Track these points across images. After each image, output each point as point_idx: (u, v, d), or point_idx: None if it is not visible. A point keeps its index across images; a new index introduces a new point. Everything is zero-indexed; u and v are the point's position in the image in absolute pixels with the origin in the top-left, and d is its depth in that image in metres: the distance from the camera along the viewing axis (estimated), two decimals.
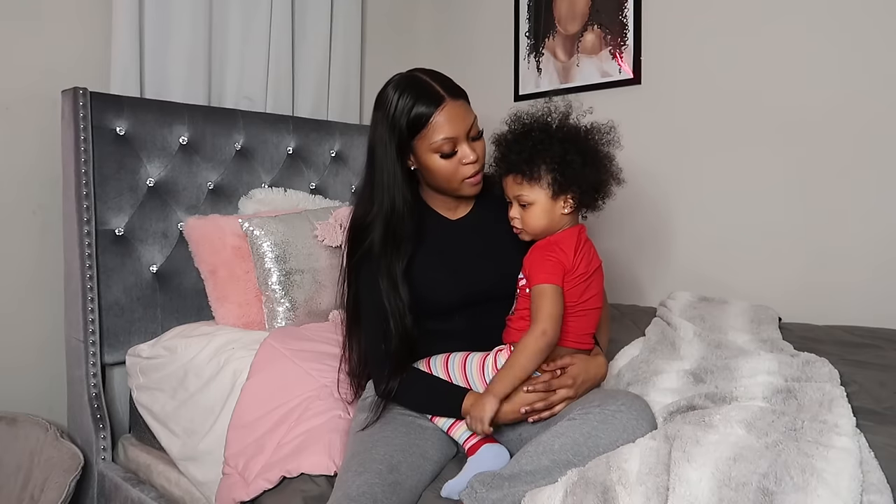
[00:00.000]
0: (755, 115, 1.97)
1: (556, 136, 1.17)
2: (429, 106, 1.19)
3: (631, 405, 1.07)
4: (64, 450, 1.69)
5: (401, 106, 1.20)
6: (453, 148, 1.21)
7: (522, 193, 1.18)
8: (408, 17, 2.84)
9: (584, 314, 1.19)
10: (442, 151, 1.21)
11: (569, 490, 0.95)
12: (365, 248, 1.24)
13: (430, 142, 1.21)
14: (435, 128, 1.20)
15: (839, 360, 1.34)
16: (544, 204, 1.18)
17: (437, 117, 1.19)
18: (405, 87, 1.21)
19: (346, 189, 2.39)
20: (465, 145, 1.22)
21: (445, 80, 1.24)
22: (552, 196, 1.17)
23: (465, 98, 1.25)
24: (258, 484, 1.27)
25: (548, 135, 1.17)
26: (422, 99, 1.19)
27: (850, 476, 0.86)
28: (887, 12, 1.73)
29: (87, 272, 1.75)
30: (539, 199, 1.18)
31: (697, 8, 2.07)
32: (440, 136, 1.20)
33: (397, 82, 1.24)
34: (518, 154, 1.17)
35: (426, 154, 1.23)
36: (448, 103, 1.20)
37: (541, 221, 1.19)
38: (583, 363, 1.19)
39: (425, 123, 1.20)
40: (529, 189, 1.18)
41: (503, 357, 1.17)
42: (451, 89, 1.22)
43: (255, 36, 2.21)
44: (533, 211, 1.18)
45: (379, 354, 1.24)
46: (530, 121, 1.22)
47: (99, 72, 1.90)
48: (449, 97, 1.20)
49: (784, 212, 1.93)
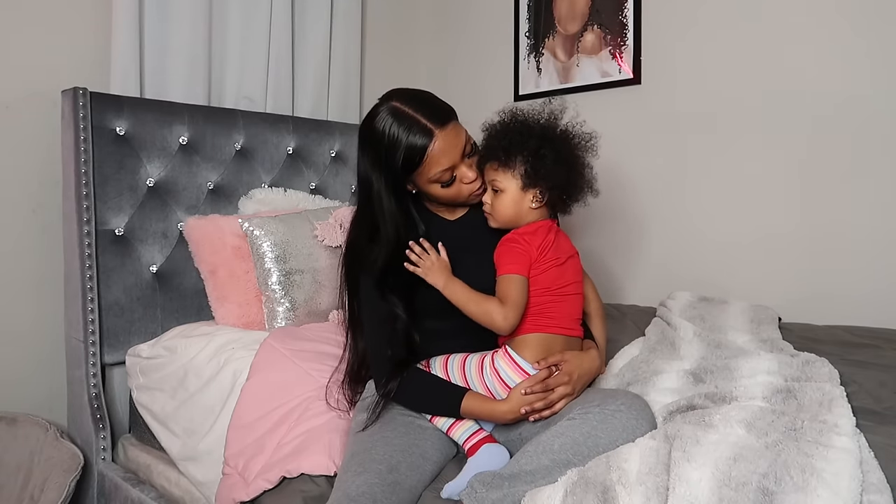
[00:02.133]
0: (755, 115, 1.96)
1: (536, 132, 1.20)
2: (421, 142, 1.16)
3: (631, 405, 1.07)
4: (64, 450, 1.69)
5: (391, 145, 1.17)
6: (452, 175, 1.22)
7: (496, 179, 1.21)
8: (408, 17, 2.84)
9: (564, 298, 1.21)
10: (442, 181, 1.21)
11: (569, 490, 0.95)
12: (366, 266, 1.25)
13: (428, 176, 1.20)
14: (431, 163, 1.18)
15: (839, 360, 1.34)
16: (514, 194, 1.21)
17: (431, 152, 1.17)
18: (392, 124, 1.17)
19: (346, 189, 2.39)
20: (462, 167, 1.22)
21: (430, 107, 1.20)
22: (522, 188, 1.20)
23: (454, 117, 1.23)
24: (258, 484, 1.27)
25: (529, 128, 1.21)
26: (412, 136, 1.16)
27: (849, 476, 0.86)
28: (890, 11, 1.73)
29: (87, 272, 1.75)
30: (510, 187, 1.21)
31: (697, 8, 2.07)
32: (437, 170, 1.19)
33: (383, 118, 1.19)
34: (498, 141, 1.21)
35: (426, 185, 1.23)
36: (438, 134, 1.17)
37: (508, 210, 1.22)
38: (576, 359, 1.19)
39: (420, 161, 1.18)
40: (503, 176, 1.21)
41: (500, 358, 1.18)
42: (437, 116, 1.19)
43: (255, 36, 2.21)
44: (503, 198, 1.22)
45: (380, 356, 1.24)
46: (521, 116, 1.24)
47: (99, 72, 1.90)
48: (438, 127, 1.17)
49: (784, 212, 1.93)
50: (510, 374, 1.16)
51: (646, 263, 2.24)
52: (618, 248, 2.27)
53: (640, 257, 2.24)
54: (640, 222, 2.23)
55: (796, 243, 1.91)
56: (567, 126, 1.24)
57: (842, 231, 1.83)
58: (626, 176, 2.20)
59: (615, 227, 2.26)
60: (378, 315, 1.24)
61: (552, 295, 1.19)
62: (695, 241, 2.11)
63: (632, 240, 2.25)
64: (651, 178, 2.18)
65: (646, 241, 2.23)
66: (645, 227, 2.22)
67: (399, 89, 1.26)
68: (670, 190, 2.15)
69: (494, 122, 1.26)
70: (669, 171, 2.15)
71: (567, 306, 1.22)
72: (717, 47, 2.03)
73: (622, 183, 2.19)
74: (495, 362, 1.18)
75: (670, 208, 2.16)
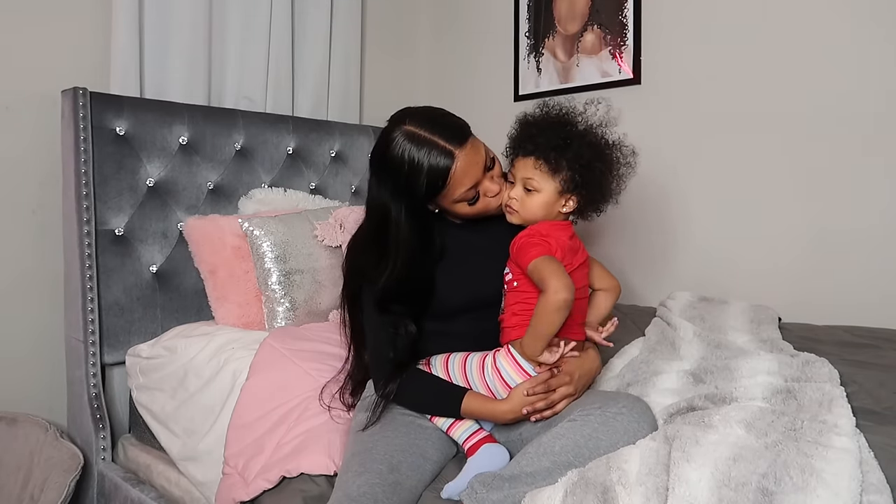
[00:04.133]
0: (755, 115, 1.96)
1: (588, 139, 1.17)
2: (444, 164, 1.13)
3: (632, 408, 1.07)
4: (64, 450, 1.69)
5: (412, 172, 1.13)
6: (476, 192, 1.19)
7: (534, 178, 1.17)
8: (408, 17, 2.84)
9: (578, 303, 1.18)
10: (467, 199, 1.19)
11: (569, 490, 0.95)
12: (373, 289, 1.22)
13: (453, 197, 1.18)
14: (455, 184, 1.15)
15: (839, 360, 1.34)
16: (549, 196, 1.17)
17: (454, 173, 1.14)
18: (409, 148, 1.13)
19: (345, 189, 2.39)
20: (485, 182, 1.19)
21: (446, 127, 1.16)
22: (560, 192, 1.17)
23: (469, 131, 1.19)
24: (258, 484, 1.27)
25: (583, 136, 1.17)
26: (433, 159, 1.12)
27: (849, 476, 0.86)
28: (889, 7, 1.73)
29: (87, 272, 1.75)
30: (547, 189, 1.17)
31: (697, 7, 2.07)
32: (462, 190, 1.17)
33: (399, 143, 1.14)
34: (548, 140, 1.15)
35: (451, 206, 1.21)
36: (459, 154, 1.14)
37: (539, 211, 1.18)
38: (577, 359, 1.19)
39: (444, 185, 1.15)
40: (542, 177, 1.16)
41: (502, 357, 1.17)
42: (455, 135, 1.15)
43: (254, 36, 2.21)
44: (536, 198, 1.18)
45: (380, 358, 1.23)
46: (566, 113, 1.20)
47: (99, 72, 1.90)
48: (458, 147, 1.14)
49: (784, 211, 1.93)
50: (511, 373, 1.15)
51: (646, 263, 2.23)
52: (617, 247, 2.27)
53: (640, 257, 2.24)
54: (639, 222, 2.23)
55: (796, 243, 1.91)
56: (618, 139, 1.21)
57: (842, 231, 1.83)
58: None
59: (615, 227, 2.26)
60: (381, 317, 1.23)
61: None
62: (695, 240, 2.12)
63: (631, 240, 2.25)
64: (651, 178, 2.17)
65: (646, 240, 2.23)
66: (645, 226, 2.22)
67: (409, 110, 1.19)
68: (670, 190, 2.15)
69: (536, 115, 1.21)
70: (669, 170, 2.15)
71: (574, 315, 1.19)
72: (717, 47, 2.03)
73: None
74: (497, 362, 1.17)
75: (670, 208, 2.16)
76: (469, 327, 1.26)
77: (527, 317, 1.16)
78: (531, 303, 1.15)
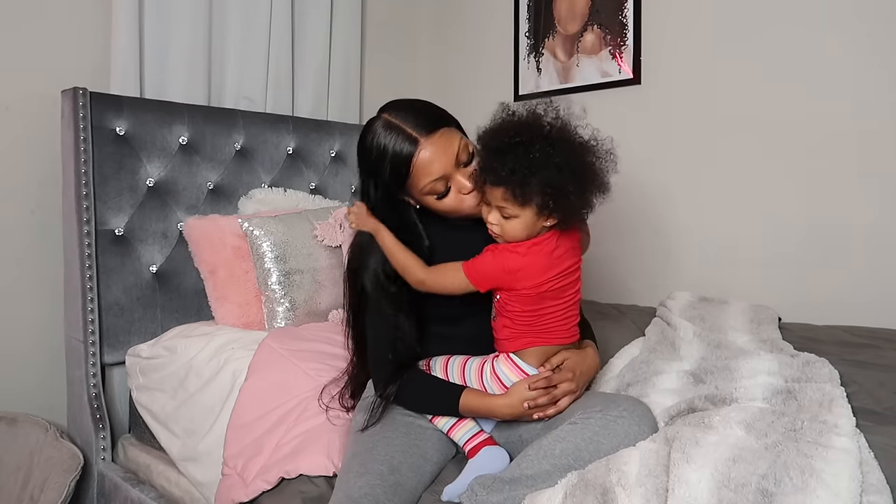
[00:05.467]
0: (755, 115, 1.96)
1: (553, 160, 1.05)
2: (406, 151, 1.12)
3: (633, 411, 1.07)
4: (64, 450, 1.69)
5: (378, 157, 1.14)
6: (447, 184, 1.15)
7: (507, 207, 1.09)
8: (408, 17, 2.84)
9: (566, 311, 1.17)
10: (436, 192, 1.16)
11: (568, 492, 0.94)
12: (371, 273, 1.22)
13: (420, 188, 1.15)
14: (418, 173, 1.13)
15: (839, 361, 1.34)
16: (528, 219, 1.10)
17: (416, 161, 1.12)
18: (379, 135, 1.14)
19: (345, 189, 2.39)
20: (457, 176, 1.15)
21: (419, 115, 1.15)
22: (537, 214, 1.09)
23: (445, 124, 1.16)
24: (257, 485, 1.27)
25: (545, 154, 1.05)
26: (396, 145, 1.12)
27: (849, 477, 0.86)
28: (890, 14, 1.73)
29: (87, 272, 1.75)
30: (524, 214, 1.09)
31: (697, 8, 2.07)
32: (428, 180, 1.14)
33: (374, 130, 1.16)
34: (510, 171, 1.06)
35: (421, 197, 1.18)
36: (424, 143, 1.12)
37: (521, 233, 1.11)
38: (577, 356, 1.18)
39: (407, 172, 1.14)
40: (515, 206, 1.09)
41: (501, 363, 1.17)
42: (424, 124, 1.13)
43: (254, 36, 2.21)
44: (514, 223, 1.11)
45: (380, 359, 1.22)
46: (524, 129, 1.08)
47: (99, 72, 1.90)
48: (424, 135, 1.12)
49: (784, 211, 1.93)
50: (512, 378, 1.15)
51: (645, 263, 2.23)
52: (617, 247, 2.27)
53: (640, 257, 2.24)
54: (639, 222, 2.23)
55: (796, 243, 1.91)
56: (587, 138, 1.10)
57: (842, 231, 1.83)
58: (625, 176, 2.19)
59: (615, 227, 2.26)
60: (382, 319, 1.22)
61: (562, 307, 1.15)
62: (695, 241, 2.11)
63: (631, 239, 2.25)
64: (651, 177, 2.17)
65: (645, 240, 2.23)
66: (645, 226, 2.22)
67: (394, 101, 1.21)
68: (670, 190, 2.15)
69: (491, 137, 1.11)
70: (669, 170, 2.15)
71: (569, 318, 1.18)
72: (718, 47, 2.03)
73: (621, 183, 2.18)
74: (496, 367, 1.17)
75: (670, 208, 2.16)
76: (472, 330, 1.25)
77: (517, 329, 1.15)
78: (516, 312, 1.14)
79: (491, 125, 1.13)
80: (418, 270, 1.17)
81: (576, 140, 1.10)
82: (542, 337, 1.15)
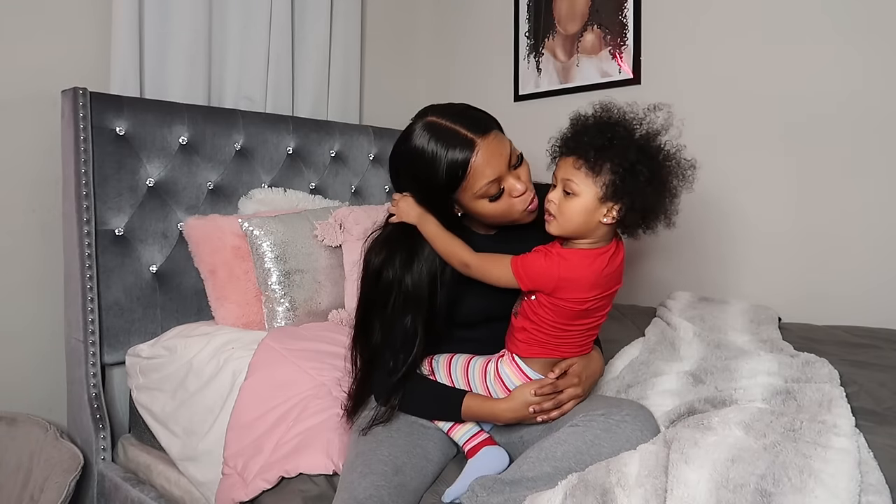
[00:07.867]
0: (755, 115, 1.96)
1: (637, 143, 1.06)
2: (463, 154, 1.09)
3: (636, 415, 1.07)
4: (64, 450, 1.69)
5: (431, 162, 1.10)
6: (499, 187, 1.12)
7: (573, 179, 1.06)
8: (408, 17, 2.84)
9: (596, 328, 1.17)
10: (489, 195, 1.12)
11: (568, 493, 0.95)
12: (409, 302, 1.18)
13: (474, 191, 1.12)
14: (475, 175, 1.10)
15: (839, 361, 1.34)
16: (588, 202, 1.06)
17: (474, 163, 1.09)
18: (429, 139, 1.10)
19: (345, 189, 2.39)
20: (510, 179, 1.13)
21: (469, 117, 1.13)
22: (600, 198, 1.06)
23: (495, 126, 1.15)
24: (257, 484, 1.27)
25: (630, 137, 1.06)
26: (452, 149, 1.09)
27: (848, 477, 0.86)
28: (886, 12, 1.73)
29: (87, 272, 1.75)
30: (586, 193, 1.06)
31: (697, 8, 2.07)
32: (483, 182, 1.11)
33: (419, 135, 1.12)
34: (591, 139, 1.05)
35: (472, 202, 1.14)
36: (481, 144, 1.09)
37: (577, 217, 1.07)
38: (583, 360, 1.18)
39: (464, 175, 1.10)
40: (582, 179, 1.06)
41: (506, 366, 1.16)
42: (477, 125, 1.11)
43: (254, 36, 2.21)
44: (574, 203, 1.07)
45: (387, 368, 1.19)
46: (619, 116, 1.10)
47: (99, 72, 1.90)
48: (480, 136, 1.10)
49: (784, 211, 1.93)
50: (514, 380, 1.15)
51: (646, 263, 2.23)
52: None
53: (640, 257, 2.24)
54: None
55: (796, 243, 1.91)
56: (669, 146, 1.10)
57: (841, 231, 1.83)
58: None
59: None
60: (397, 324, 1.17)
61: (582, 329, 1.14)
62: (695, 241, 2.11)
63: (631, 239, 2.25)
64: None
65: (646, 240, 2.22)
66: None
67: (433, 105, 1.17)
68: None
69: (587, 115, 1.11)
70: None
71: (590, 337, 1.17)
72: (717, 47, 2.03)
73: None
74: (500, 369, 1.17)
75: None
76: (489, 334, 1.23)
77: (537, 336, 1.13)
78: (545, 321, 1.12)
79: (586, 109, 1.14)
80: (465, 253, 1.15)
81: (661, 144, 1.10)
82: (556, 350, 1.15)
